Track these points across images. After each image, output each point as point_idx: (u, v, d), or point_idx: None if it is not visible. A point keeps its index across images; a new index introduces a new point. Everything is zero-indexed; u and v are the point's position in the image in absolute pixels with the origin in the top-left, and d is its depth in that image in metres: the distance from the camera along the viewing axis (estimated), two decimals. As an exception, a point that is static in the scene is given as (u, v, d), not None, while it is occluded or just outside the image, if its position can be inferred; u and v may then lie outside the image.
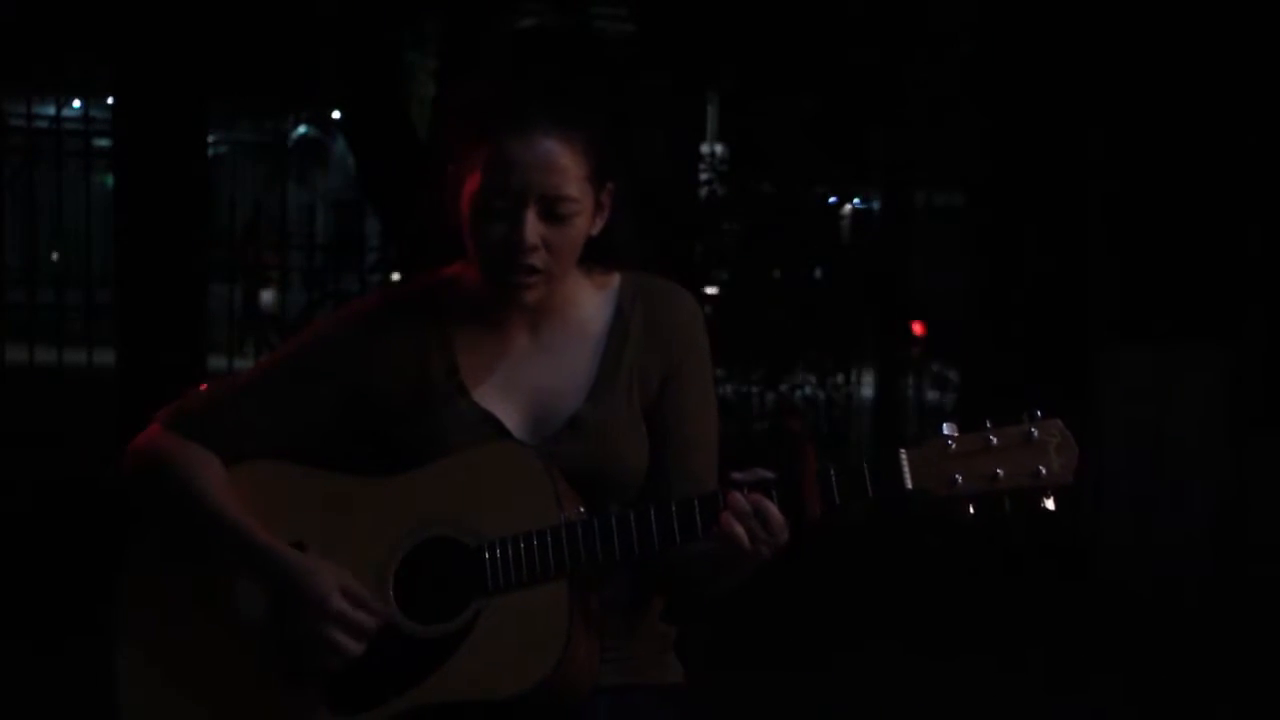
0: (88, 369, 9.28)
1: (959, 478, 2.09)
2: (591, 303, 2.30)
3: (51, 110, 10.64)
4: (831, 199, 9.17)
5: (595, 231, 2.23)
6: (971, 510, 2.10)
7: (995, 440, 2.11)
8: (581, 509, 2.17)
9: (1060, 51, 7.42)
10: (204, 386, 2.35)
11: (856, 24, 8.56)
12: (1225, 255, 6.98)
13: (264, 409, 2.26)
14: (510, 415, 2.24)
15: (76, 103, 11.44)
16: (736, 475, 2.12)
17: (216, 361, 9.07)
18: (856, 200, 10.11)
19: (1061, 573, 6.53)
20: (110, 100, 8.90)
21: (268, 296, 12.87)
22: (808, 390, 8.61)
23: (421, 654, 2.13)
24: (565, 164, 2.16)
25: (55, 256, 10.95)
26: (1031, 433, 2.11)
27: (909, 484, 2.09)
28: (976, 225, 8.06)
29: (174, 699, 2.23)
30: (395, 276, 8.82)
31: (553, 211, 2.16)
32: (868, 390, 8.98)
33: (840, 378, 8.72)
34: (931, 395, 9.12)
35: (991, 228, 7.85)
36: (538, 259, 2.17)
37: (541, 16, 10.53)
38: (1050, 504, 2.10)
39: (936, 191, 9.19)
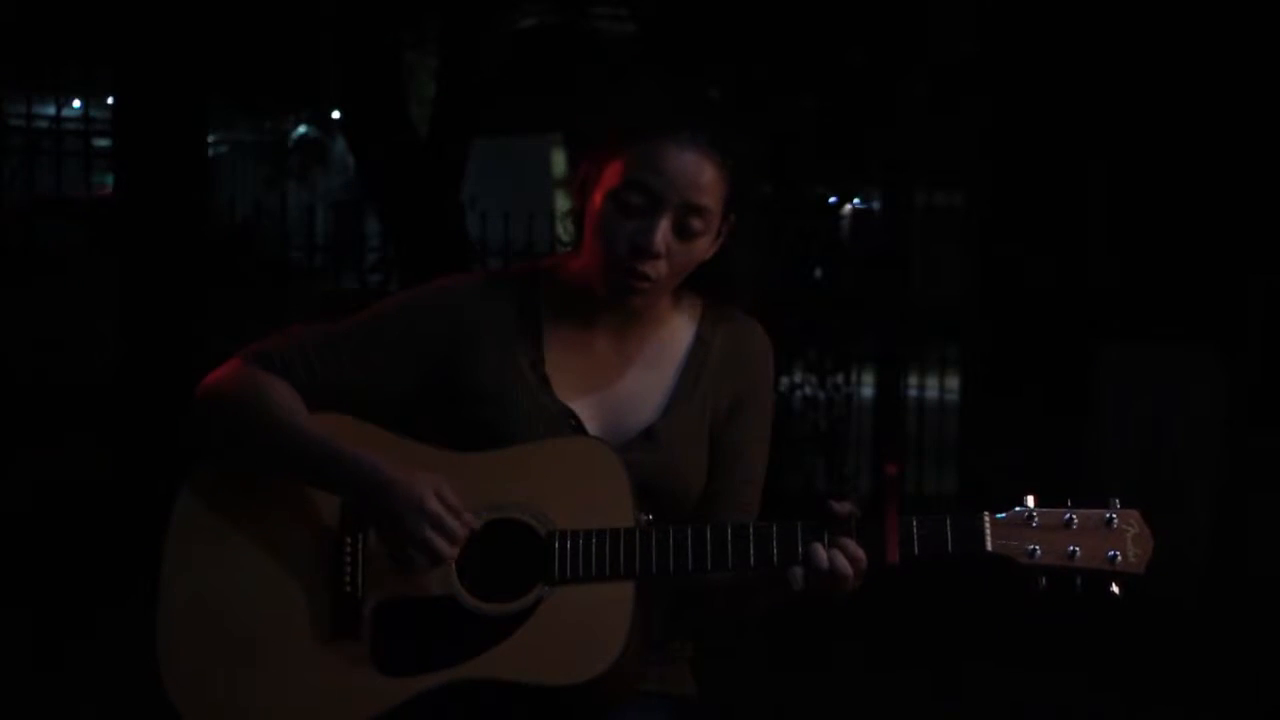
0: (88, 369, 9.27)
1: (1037, 550, 2.15)
2: (676, 323, 2.34)
3: (51, 110, 10.64)
4: (831, 199, 9.16)
5: (708, 257, 2.26)
6: (1044, 582, 2.16)
7: (1075, 520, 2.17)
8: (650, 516, 2.19)
9: (1060, 51, 7.42)
10: (292, 328, 2.32)
11: (856, 24, 8.55)
12: (1225, 255, 6.98)
13: (352, 357, 2.25)
14: (588, 416, 2.26)
15: (76, 103, 11.43)
16: (834, 505, 2.15)
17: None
18: (856, 200, 10.10)
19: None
20: (110, 100, 8.90)
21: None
22: (808, 390, 8.61)
23: (477, 629, 2.13)
24: (709, 182, 2.19)
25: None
26: (1111, 519, 2.17)
27: (989, 547, 2.15)
28: (976, 225, 8.06)
29: (216, 642, 2.20)
30: (396, 277, 8.81)
31: (685, 224, 2.19)
32: (868, 390, 8.97)
33: (840, 378, 8.71)
34: (932, 395, 9.11)
35: (991, 227, 7.85)
36: (657, 267, 2.20)
37: (541, 16, 10.54)
38: (1116, 589, 2.16)
39: (936, 191, 9.18)
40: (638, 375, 2.30)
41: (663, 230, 2.17)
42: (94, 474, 7.73)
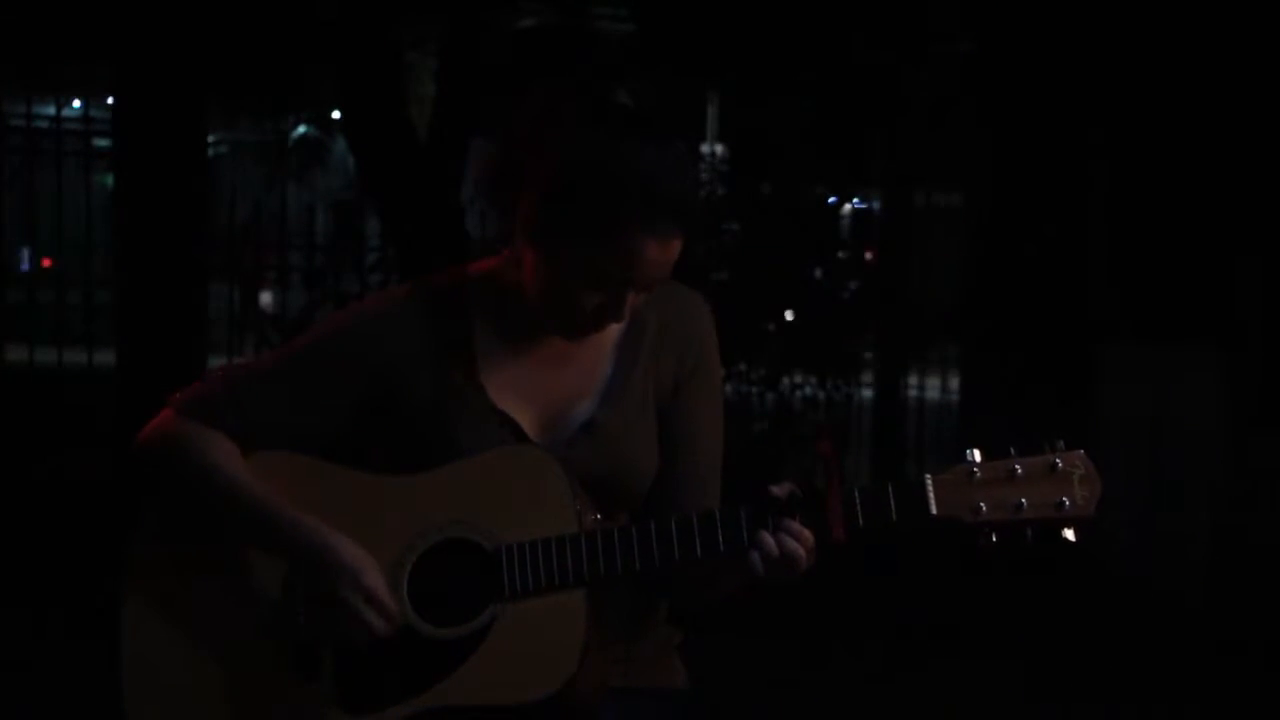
0: (88, 369, 9.28)
1: (983, 506, 2.11)
2: None
3: (51, 110, 10.63)
4: (831, 199, 9.16)
5: None
6: (994, 539, 2.12)
7: (1019, 470, 2.11)
8: (597, 516, 2.17)
9: (1060, 51, 7.41)
10: (218, 372, 2.32)
11: (856, 24, 8.55)
12: (1225, 255, 6.98)
13: (281, 396, 2.23)
14: (525, 416, 2.24)
15: (76, 103, 11.42)
16: (772, 488, 2.13)
17: (216, 362, 9.07)
18: (856, 200, 10.10)
19: (1061, 572, 6.53)
20: (110, 100, 8.90)
21: (267, 297, 12.86)
22: (808, 390, 8.61)
23: (435, 656, 2.12)
24: (676, 253, 2.16)
25: (47, 263, 10.95)
26: (1055, 463, 2.11)
27: (934, 510, 2.11)
28: (976, 225, 8.06)
29: (182, 694, 2.21)
30: (396, 277, 8.81)
31: (648, 287, 2.18)
32: (868, 390, 8.97)
33: (840, 378, 8.71)
34: (931, 395, 9.12)
35: (991, 227, 7.85)
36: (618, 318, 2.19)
37: (541, 16, 10.54)
38: (1070, 535, 2.11)
39: (936, 191, 9.18)
40: (572, 369, 2.27)
41: (631, 300, 2.17)
42: (94, 474, 7.73)
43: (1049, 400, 7.12)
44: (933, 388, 9.08)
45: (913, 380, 9.00)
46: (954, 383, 8.64)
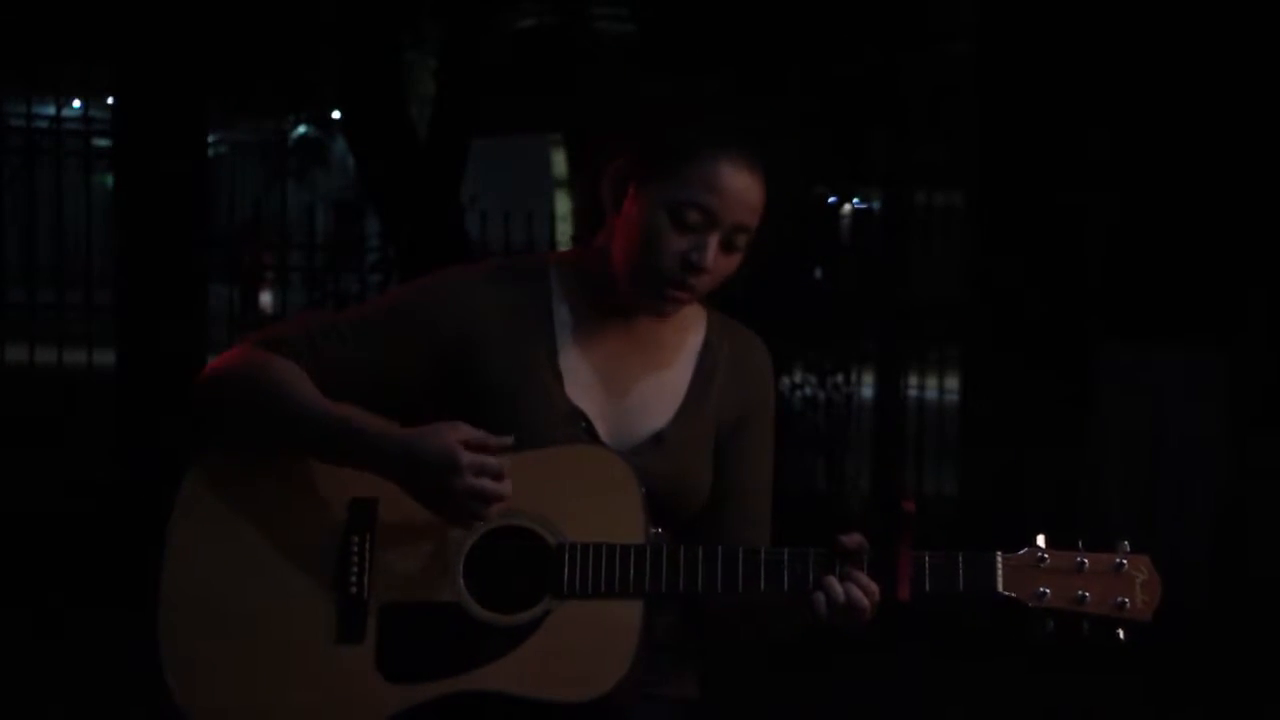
0: (88, 369, 9.28)
1: (1046, 592, 2.14)
2: (686, 326, 2.32)
3: (51, 110, 10.63)
4: (831, 199, 9.15)
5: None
6: (1051, 625, 2.16)
7: (1086, 563, 2.16)
8: (658, 529, 2.17)
9: (1061, 51, 7.41)
10: (297, 317, 2.30)
11: (856, 24, 8.55)
12: (1225, 255, 6.98)
13: (357, 349, 2.20)
14: (599, 416, 2.23)
15: (76, 103, 11.42)
16: (843, 539, 2.14)
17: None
18: (856, 200, 10.10)
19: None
20: (110, 100, 8.90)
21: (267, 297, 12.86)
22: (808, 390, 8.60)
23: (482, 640, 2.11)
24: (757, 202, 2.19)
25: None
26: (1121, 564, 2.16)
27: (1000, 587, 2.14)
28: (976, 225, 8.05)
29: (217, 640, 2.18)
30: (396, 277, 8.81)
31: (732, 241, 2.19)
32: (868, 390, 8.96)
33: (840, 378, 8.71)
34: (932, 395, 9.11)
35: (991, 227, 7.84)
36: (704, 281, 2.19)
37: (541, 16, 10.55)
38: (1122, 635, 2.16)
39: (936, 191, 9.17)
40: (649, 378, 2.27)
41: (714, 246, 2.17)
42: (95, 474, 7.73)
43: (1049, 400, 7.12)
44: (932, 388, 9.06)
45: (913, 380, 8.99)
46: (954, 383, 8.62)
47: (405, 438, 2.09)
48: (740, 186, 2.16)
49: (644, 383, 2.27)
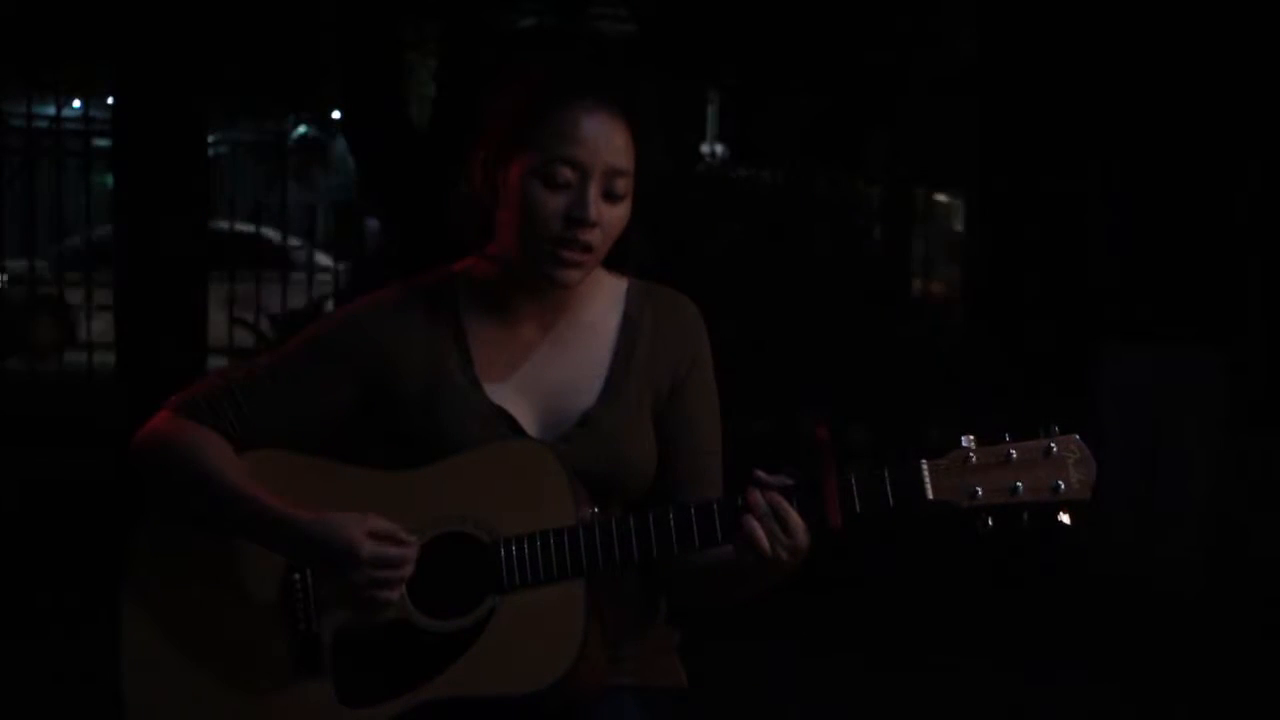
0: (87, 369, 9.28)
1: (979, 490, 2.10)
2: (602, 303, 2.31)
3: (51, 110, 10.64)
4: (830, 198, 9.16)
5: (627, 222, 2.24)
6: (990, 523, 2.11)
7: (1015, 454, 2.11)
8: (595, 509, 2.17)
9: (1060, 51, 7.42)
10: (215, 373, 2.33)
11: (857, 23, 8.56)
12: (1225, 255, 6.98)
13: (277, 395, 2.24)
14: (523, 411, 2.24)
15: (76, 103, 11.43)
16: (760, 474, 2.12)
17: (216, 361, 9.07)
18: (855, 200, 10.10)
19: (1060, 572, 6.53)
20: (110, 100, 8.91)
21: (266, 295, 12.85)
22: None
23: (434, 649, 2.12)
24: (623, 143, 2.19)
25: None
26: (1050, 447, 2.12)
27: (930, 495, 2.10)
28: (976, 225, 8.06)
29: (182, 693, 2.21)
30: (395, 276, 8.81)
31: (611, 189, 2.19)
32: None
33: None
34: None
35: (991, 227, 7.85)
36: (594, 235, 2.18)
37: (541, 16, 10.54)
38: (1065, 519, 2.10)
39: (936, 190, 9.19)
40: (569, 362, 2.27)
41: (594, 198, 2.17)
42: (94, 474, 7.73)
43: (1049, 400, 7.12)
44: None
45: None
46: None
47: (313, 529, 2.14)
48: (600, 129, 2.17)
49: (564, 369, 2.27)
